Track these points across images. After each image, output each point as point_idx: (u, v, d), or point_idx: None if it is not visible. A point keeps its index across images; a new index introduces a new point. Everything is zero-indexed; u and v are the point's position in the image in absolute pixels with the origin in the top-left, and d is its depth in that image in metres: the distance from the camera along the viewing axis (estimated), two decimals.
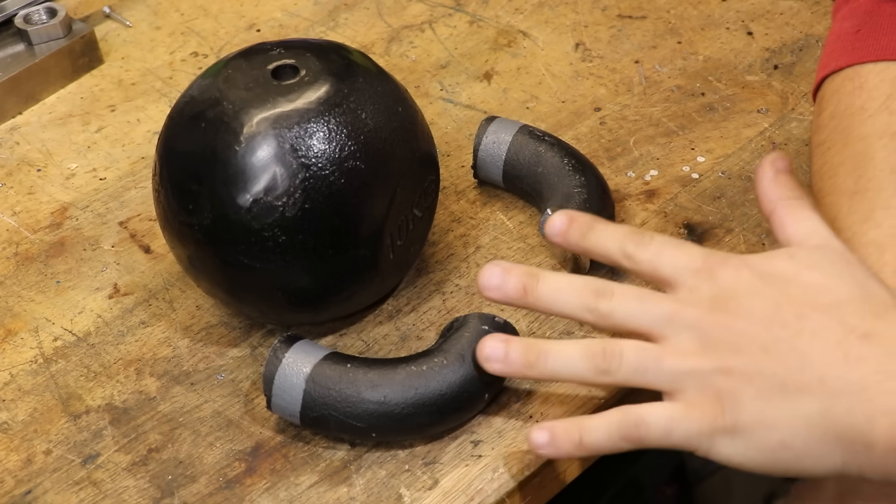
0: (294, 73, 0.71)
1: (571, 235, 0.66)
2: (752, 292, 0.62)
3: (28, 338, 0.78)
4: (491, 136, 0.82)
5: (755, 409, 0.61)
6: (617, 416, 0.63)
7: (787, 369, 0.61)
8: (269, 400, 0.69)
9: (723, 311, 0.62)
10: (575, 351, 0.64)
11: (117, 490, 0.69)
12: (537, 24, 1.00)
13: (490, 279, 0.65)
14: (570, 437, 0.64)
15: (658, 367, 0.62)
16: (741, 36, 0.97)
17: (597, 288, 0.64)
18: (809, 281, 0.62)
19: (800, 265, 0.63)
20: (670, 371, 0.62)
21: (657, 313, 0.63)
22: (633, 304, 0.63)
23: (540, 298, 0.65)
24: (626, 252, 0.65)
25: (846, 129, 0.75)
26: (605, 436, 0.63)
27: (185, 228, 0.71)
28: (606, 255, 0.66)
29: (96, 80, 0.97)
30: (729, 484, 1.36)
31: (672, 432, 0.62)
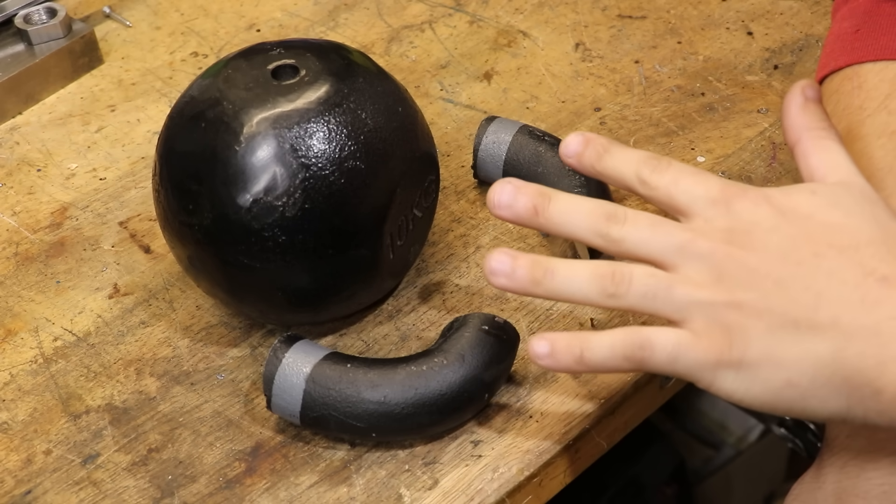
0: (294, 73, 0.71)
1: (587, 157, 0.64)
2: (769, 227, 0.61)
3: (28, 338, 0.78)
4: (491, 136, 0.82)
5: (764, 345, 0.60)
6: (622, 335, 0.61)
7: (801, 307, 0.59)
8: (269, 400, 0.69)
9: (738, 243, 0.60)
10: (583, 271, 0.62)
11: (117, 490, 0.69)
12: (537, 24, 1.00)
13: (501, 196, 0.63)
14: (571, 350, 0.62)
15: (668, 294, 0.61)
16: (741, 36, 0.97)
17: (609, 212, 0.62)
18: (829, 219, 0.61)
19: (821, 202, 0.61)
20: (680, 300, 0.61)
21: (670, 241, 0.61)
22: (646, 231, 0.62)
23: (550, 219, 0.63)
24: (642, 177, 0.63)
25: (845, 128, 0.75)
26: (608, 353, 0.61)
27: (185, 228, 0.71)
28: (621, 180, 0.64)
29: (96, 80, 0.98)
30: (729, 484, 1.36)
31: (677, 359, 0.60)
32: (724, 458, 1.37)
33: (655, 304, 0.61)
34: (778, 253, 0.60)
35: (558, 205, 0.63)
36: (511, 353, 0.71)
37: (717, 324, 0.60)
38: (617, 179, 0.64)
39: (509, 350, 0.71)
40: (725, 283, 0.60)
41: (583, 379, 0.73)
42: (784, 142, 0.65)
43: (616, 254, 0.63)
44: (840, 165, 0.64)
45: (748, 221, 0.61)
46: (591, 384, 0.73)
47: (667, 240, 0.61)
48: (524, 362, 0.74)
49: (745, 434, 1.37)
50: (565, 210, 0.63)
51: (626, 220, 0.62)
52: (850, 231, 0.60)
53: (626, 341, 0.61)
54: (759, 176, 0.85)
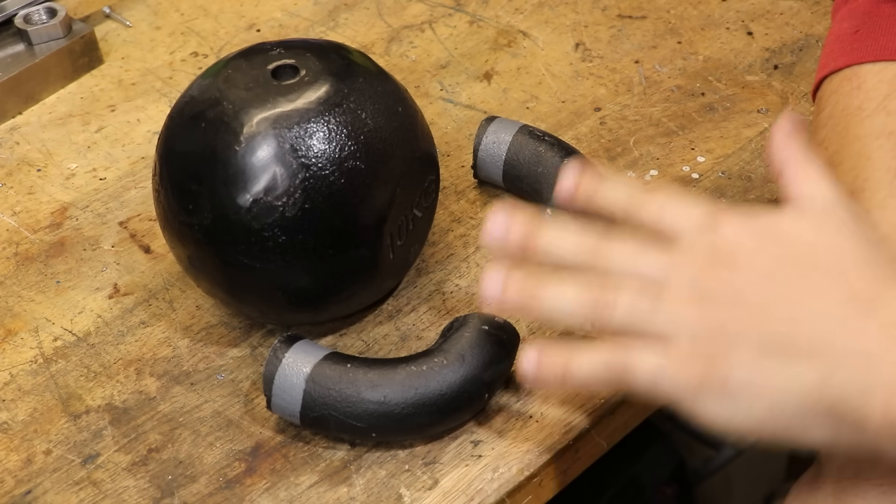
0: (294, 73, 0.71)
1: (580, 196, 0.64)
2: (754, 248, 0.60)
3: (28, 338, 0.78)
4: (491, 136, 0.82)
5: (747, 370, 0.59)
6: (606, 355, 0.61)
7: (786, 331, 0.59)
8: (269, 400, 0.69)
9: (722, 264, 0.60)
10: (571, 292, 0.62)
11: (117, 490, 0.69)
12: (537, 24, 1.00)
13: (492, 228, 0.64)
14: (556, 367, 0.62)
15: (652, 315, 0.60)
16: (741, 36, 0.97)
17: (596, 239, 0.63)
18: (815, 241, 0.60)
19: (807, 224, 0.61)
20: (664, 322, 0.60)
21: (655, 265, 0.61)
22: (631, 255, 0.62)
23: (540, 248, 0.63)
24: (632, 203, 0.63)
25: (844, 129, 0.75)
26: (590, 373, 0.62)
27: (185, 228, 0.71)
28: (612, 209, 0.64)
29: (96, 80, 0.98)
30: (729, 484, 1.36)
31: (659, 382, 0.60)
32: (724, 458, 1.37)
33: (640, 325, 0.61)
34: (763, 274, 0.60)
35: (547, 234, 0.64)
36: (511, 353, 0.71)
37: (701, 345, 0.60)
38: (608, 209, 0.64)
39: (509, 350, 0.71)
40: (710, 303, 0.60)
41: None
42: (772, 171, 0.66)
43: (605, 276, 0.63)
44: (826, 193, 0.63)
45: (733, 242, 0.61)
46: None
47: (653, 263, 0.61)
48: None
49: None
50: (554, 238, 0.64)
51: (614, 245, 0.63)
52: (835, 252, 0.60)
53: (609, 363, 0.61)
54: (759, 176, 0.85)
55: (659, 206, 0.63)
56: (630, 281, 0.61)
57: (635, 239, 0.63)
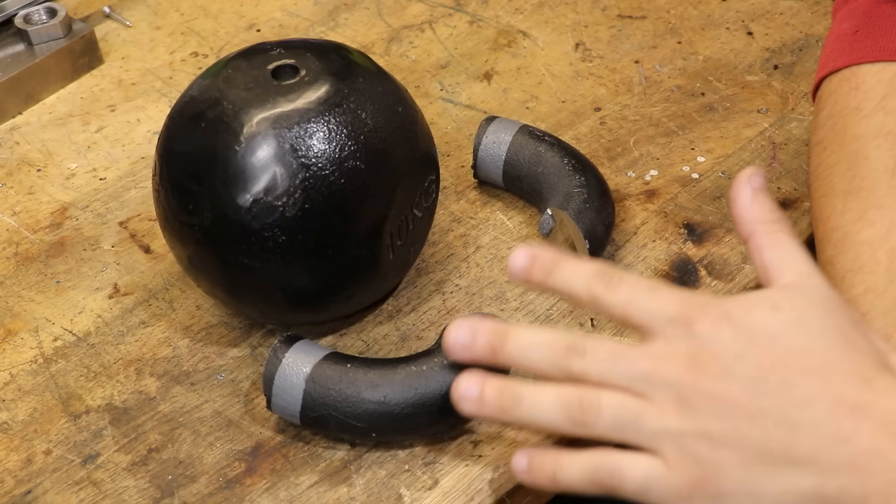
0: (294, 73, 0.71)
1: (535, 275, 0.62)
2: (735, 353, 0.58)
3: (28, 338, 0.78)
4: (491, 136, 0.82)
5: (740, 479, 0.58)
6: (594, 459, 0.60)
7: (776, 441, 0.58)
8: (269, 400, 0.69)
9: (704, 370, 0.58)
10: (550, 399, 0.60)
11: (117, 490, 0.69)
12: (537, 24, 1.00)
13: (457, 338, 0.63)
14: (545, 470, 0.62)
15: (636, 425, 0.59)
16: (741, 36, 0.97)
17: (568, 345, 0.60)
18: (795, 341, 0.59)
19: (784, 319, 0.59)
20: (650, 429, 0.59)
21: (633, 372, 0.59)
22: (606, 362, 0.60)
23: (510, 356, 0.62)
24: (594, 294, 0.61)
25: (842, 129, 0.75)
26: (577, 478, 0.61)
27: (185, 228, 0.71)
28: (573, 296, 0.62)
29: (96, 80, 0.98)
30: None
31: (649, 490, 0.59)
32: None
33: (625, 434, 0.59)
34: (746, 382, 0.58)
35: (516, 341, 0.62)
36: None
37: (689, 454, 0.58)
38: (569, 295, 0.62)
39: None
40: (694, 412, 0.58)
41: None
42: (739, 232, 0.64)
43: (582, 385, 0.61)
44: (795, 262, 0.61)
45: (711, 344, 0.59)
46: None
47: (629, 370, 0.59)
48: None
49: None
50: (523, 346, 0.62)
51: (586, 352, 0.60)
52: (815, 353, 0.58)
53: (597, 469, 0.60)
54: None
55: (624, 298, 0.61)
56: (610, 386, 0.60)
57: (608, 344, 0.61)
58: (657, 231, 0.82)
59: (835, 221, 0.71)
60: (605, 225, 0.78)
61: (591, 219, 0.77)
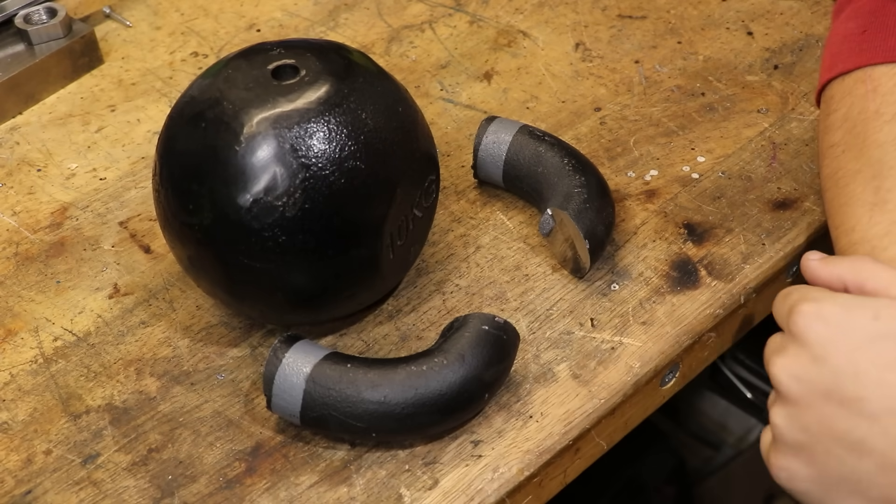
0: (294, 73, 0.71)
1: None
2: (819, 355, 0.63)
3: (28, 338, 0.78)
4: (491, 136, 0.82)
5: (824, 461, 0.63)
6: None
7: (844, 448, 0.62)
8: (270, 400, 0.69)
9: (799, 356, 0.64)
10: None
11: (117, 490, 0.69)
12: (537, 24, 1.00)
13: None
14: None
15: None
16: (741, 36, 0.97)
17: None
18: (881, 353, 0.61)
19: (879, 329, 0.62)
20: (774, 379, 0.65)
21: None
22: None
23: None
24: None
25: (861, 133, 0.74)
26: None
27: (185, 228, 0.71)
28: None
29: (96, 80, 0.98)
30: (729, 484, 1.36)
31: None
32: (724, 458, 1.37)
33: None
34: (822, 388, 0.62)
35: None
36: (511, 353, 0.71)
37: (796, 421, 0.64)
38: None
39: (509, 350, 0.71)
40: (798, 390, 0.64)
41: (583, 379, 0.73)
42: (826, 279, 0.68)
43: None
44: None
45: (802, 337, 0.63)
46: (592, 384, 0.73)
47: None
48: (524, 362, 0.74)
49: (745, 434, 1.37)
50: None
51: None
52: (878, 397, 0.61)
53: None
54: (759, 176, 0.85)
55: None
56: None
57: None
58: (657, 231, 0.82)
59: (860, 234, 0.71)
60: (605, 225, 0.78)
61: (591, 219, 0.77)
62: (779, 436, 0.65)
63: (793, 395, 0.63)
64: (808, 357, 0.63)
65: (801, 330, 0.63)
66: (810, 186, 0.84)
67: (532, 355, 0.75)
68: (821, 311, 0.63)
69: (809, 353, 0.63)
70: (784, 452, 0.65)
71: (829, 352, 0.62)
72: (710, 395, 1.36)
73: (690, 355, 0.77)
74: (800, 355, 0.63)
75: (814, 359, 0.62)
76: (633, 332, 0.76)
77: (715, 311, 0.77)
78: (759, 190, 0.84)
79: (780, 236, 0.81)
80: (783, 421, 0.64)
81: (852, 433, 0.61)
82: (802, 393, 0.63)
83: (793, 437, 0.64)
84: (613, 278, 0.79)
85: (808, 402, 0.63)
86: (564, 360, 0.74)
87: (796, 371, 0.63)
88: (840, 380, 0.61)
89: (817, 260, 0.67)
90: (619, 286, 0.78)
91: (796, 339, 0.63)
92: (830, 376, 0.62)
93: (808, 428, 0.63)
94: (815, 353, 0.62)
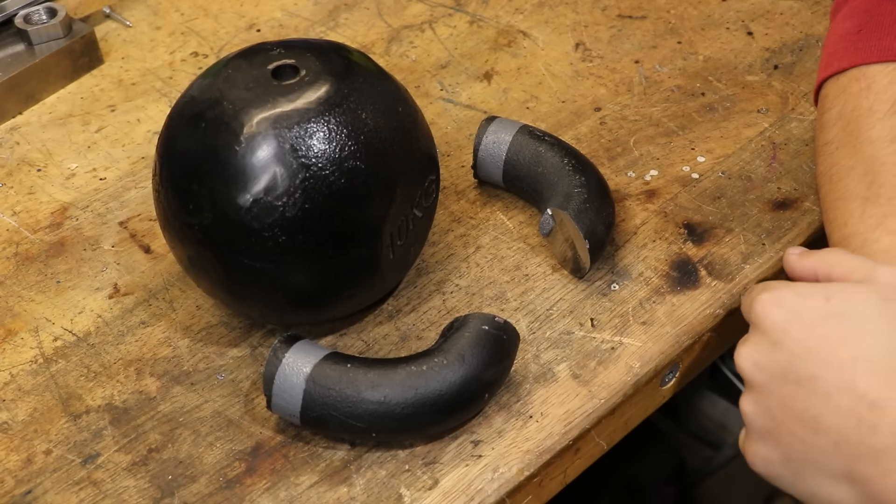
0: (294, 73, 0.71)
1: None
2: (776, 339, 0.64)
3: (28, 338, 0.78)
4: (491, 136, 0.82)
5: (787, 445, 0.64)
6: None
7: (804, 427, 0.63)
8: (270, 400, 0.69)
9: (756, 344, 0.65)
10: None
11: (117, 490, 0.69)
12: (537, 24, 1.00)
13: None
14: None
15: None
16: (741, 36, 0.97)
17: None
18: (831, 331, 0.63)
19: (830, 309, 0.63)
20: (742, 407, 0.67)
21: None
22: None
23: None
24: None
25: (854, 131, 0.74)
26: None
27: (185, 228, 0.71)
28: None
29: (96, 80, 0.98)
30: (729, 484, 1.36)
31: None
32: (724, 458, 1.37)
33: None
34: (779, 370, 0.64)
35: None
36: (511, 353, 0.71)
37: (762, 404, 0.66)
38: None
39: (509, 350, 0.71)
40: (754, 390, 0.66)
41: (583, 379, 0.73)
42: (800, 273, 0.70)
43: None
44: (863, 263, 0.65)
45: (762, 326, 0.65)
46: (591, 384, 0.73)
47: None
48: (524, 362, 0.74)
49: None
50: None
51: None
52: (849, 343, 0.62)
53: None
54: (759, 176, 0.85)
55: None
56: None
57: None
58: (657, 231, 0.82)
59: (852, 227, 0.71)
60: (605, 225, 0.78)
61: (591, 219, 0.77)
62: (749, 423, 0.66)
63: (757, 382, 0.65)
64: (767, 343, 0.64)
65: (760, 317, 0.65)
66: (810, 186, 0.84)
67: (532, 355, 0.75)
68: (777, 298, 0.65)
69: (768, 339, 0.64)
70: (755, 439, 0.66)
71: (785, 335, 0.63)
72: (710, 395, 1.36)
73: (690, 355, 0.77)
74: (760, 342, 0.65)
75: (772, 344, 0.64)
76: (633, 332, 0.76)
77: (715, 311, 0.77)
78: (759, 190, 0.84)
79: (780, 236, 0.81)
80: (750, 408, 0.66)
81: (808, 412, 0.62)
82: (764, 378, 0.64)
83: (760, 422, 0.65)
84: (613, 278, 0.79)
85: (770, 387, 0.64)
86: (564, 360, 0.74)
87: (756, 357, 0.65)
88: (795, 360, 0.63)
89: (796, 254, 0.69)
90: (619, 286, 0.78)
91: (757, 327, 0.65)
92: (787, 358, 0.63)
93: (771, 412, 0.64)
94: (773, 339, 0.64)
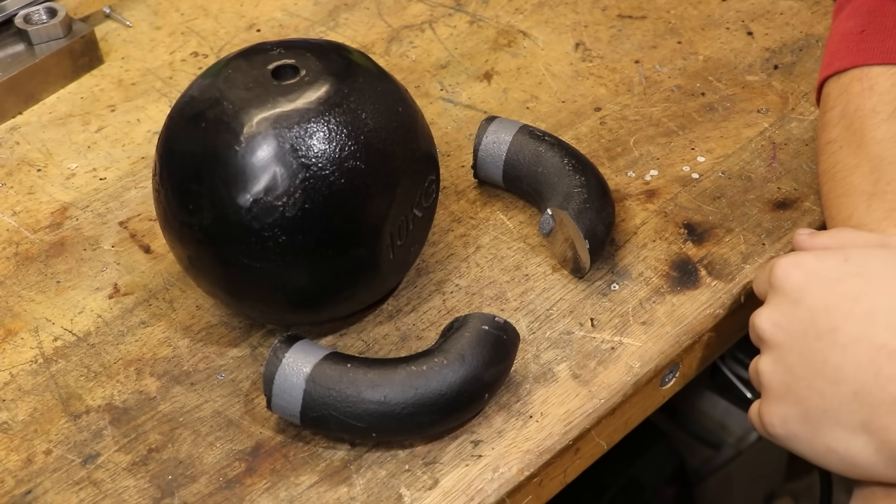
0: (294, 73, 0.71)
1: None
2: (796, 298, 0.66)
3: (28, 338, 0.78)
4: (491, 136, 0.82)
5: (805, 401, 0.65)
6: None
7: (823, 379, 0.64)
8: (270, 400, 0.69)
9: (780, 304, 0.67)
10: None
11: (117, 490, 0.69)
12: (537, 24, 1.00)
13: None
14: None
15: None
16: (741, 36, 0.97)
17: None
18: (850, 288, 0.65)
19: (848, 269, 0.65)
20: (754, 375, 0.69)
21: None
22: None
23: None
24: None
25: (858, 130, 0.75)
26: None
27: (185, 228, 0.71)
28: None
29: (96, 80, 0.98)
30: (729, 484, 1.36)
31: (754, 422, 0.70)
32: (724, 458, 1.37)
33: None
34: (799, 327, 0.66)
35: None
36: (511, 353, 0.71)
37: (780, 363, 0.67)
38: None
39: (509, 350, 0.71)
40: (771, 348, 0.67)
41: (583, 379, 0.73)
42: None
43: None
44: (874, 235, 0.68)
45: (781, 288, 0.67)
46: (591, 384, 0.73)
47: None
48: (524, 362, 0.74)
49: (745, 434, 1.37)
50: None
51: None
52: (867, 299, 0.64)
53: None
54: (759, 176, 0.85)
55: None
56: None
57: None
58: (657, 231, 0.82)
59: (857, 221, 0.72)
60: (605, 225, 0.78)
61: (591, 219, 0.77)
62: (767, 384, 0.67)
63: (776, 340, 0.67)
64: (788, 302, 0.66)
65: (780, 279, 0.67)
66: (810, 186, 0.84)
67: (532, 355, 0.75)
68: (797, 261, 0.67)
69: (788, 299, 0.66)
70: (773, 399, 0.67)
71: (805, 294, 0.66)
72: (710, 395, 1.36)
73: (690, 355, 0.77)
74: (780, 303, 0.67)
75: (792, 302, 0.66)
76: (633, 332, 0.76)
77: (715, 311, 0.77)
78: (759, 190, 0.84)
79: (780, 236, 0.81)
80: (769, 367, 0.67)
81: (828, 363, 0.64)
82: (783, 336, 0.66)
83: (779, 379, 0.67)
84: (613, 278, 0.79)
85: (790, 344, 0.66)
86: (564, 360, 0.74)
87: (777, 318, 0.67)
88: (815, 316, 0.65)
89: (806, 234, 0.71)
90: (619, 286, 0.78)
91: (776, 289, 0.67)
92: (807, 314, 0.65)
93: (791, 368, 0.66)
94: (793, 298, 0.66)
